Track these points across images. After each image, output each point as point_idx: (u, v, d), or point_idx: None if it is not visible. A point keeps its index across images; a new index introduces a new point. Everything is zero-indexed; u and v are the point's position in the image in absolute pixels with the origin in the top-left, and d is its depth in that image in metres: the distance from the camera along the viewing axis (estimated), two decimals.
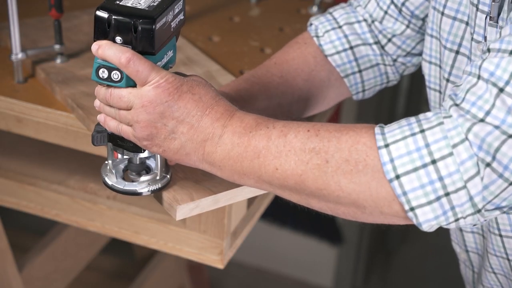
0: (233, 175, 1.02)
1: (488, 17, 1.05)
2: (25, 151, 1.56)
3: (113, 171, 1.10)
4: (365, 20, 1.27)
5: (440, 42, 1.19)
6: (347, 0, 1.36)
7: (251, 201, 1.40)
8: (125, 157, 1.10)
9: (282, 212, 2.64)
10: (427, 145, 0.93)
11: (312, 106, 1.25)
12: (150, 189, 1.10)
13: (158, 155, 1.08)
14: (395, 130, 0.95)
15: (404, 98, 2.68)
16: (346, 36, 1.26)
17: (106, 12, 0.99)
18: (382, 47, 1.27)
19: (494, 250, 1.18)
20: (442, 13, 1.16)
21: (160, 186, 1.10)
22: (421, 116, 0.96)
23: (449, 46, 1.16)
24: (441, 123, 0.93)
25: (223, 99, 1.04)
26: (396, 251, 2.85)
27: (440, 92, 1.23)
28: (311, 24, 1.30)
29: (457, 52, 1.16)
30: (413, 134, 0.93)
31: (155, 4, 1.00)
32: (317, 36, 1.27)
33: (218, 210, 1.30)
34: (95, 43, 1.00)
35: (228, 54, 1.54)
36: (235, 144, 1.00)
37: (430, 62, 1.22)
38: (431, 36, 1.21)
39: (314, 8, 1.75)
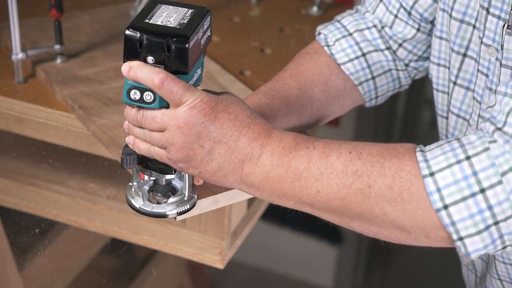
0: (272, 196, 1.00)
1: (506, 25, 1.03)
2: (25, 151, 1.56)
3: (140, 193, 1.06)
4: (375, 26, 1.26)
5: (449, 44, 1.18)
6: (348, 0, 1.35)
7: (251, 201, 1.40)
8: (151, 178, 1.06)
9: (282, 212, 2.64)
10: (475, 173, 0.91)
11: (330, 115, 1.24)
12: (179, 210, 1.06)
13: (186, 176, 1.05)
14: (439, 157, 0.92)
15: (404, 98, 2.68)
16: (357, 43, 1.25)
17: (137, 32, 0.94)
18: (394, 52, 1.26)
19: (502, 257, 1.17)
20: (450, 15, 1.16)
21: (188, 207, 1.07)
22: (464, 140, 0.93)
23: (456, 49, 1.16)
24: (487, 149, 0.91)
25: (258, 117, 1.01)
26: (396, 251, 2.85)
27: (448, 94, 1.22)
28: (319, 33, 1.28)
29: (464, 55, 1.15)
30: (458, 162, 0.91)
31: (185, 21, 0.96)
32: (328, 45, 1.25)
33: (218, 211, 1.30)
34: (125, 64, 0.96)
35: (228, 54, 1.54)
36: (275, 165, 0.98)
37: (439, 64, 1.22)
38: (440, 38, 1.20)
39: (314, 8, 1.75)
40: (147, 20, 0.96)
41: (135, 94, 0.96)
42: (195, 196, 1.08)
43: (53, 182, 1.49)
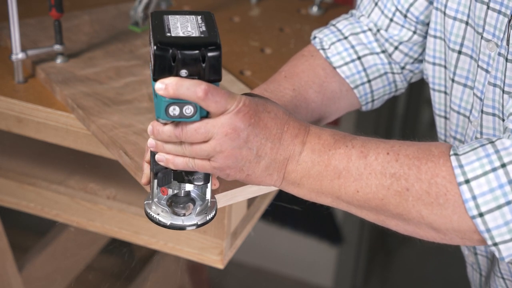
0: (311, 193, 1.01)
1: (510, 21, 1.04)
2: (25, 151, 1.56)
3: (166, 209, 1.04)
4: (370, 29, 1.26)
5: (444, 42, 1.18)
6: (348, 0, 1.35)
7: (251, 201, 1.40)
8: (175, 191, 1.04)
9: (282, 212, 2.64)
10: (510, 182, 0.92)
11: (325, 118, 1.24)
12: (207, 218, 1.04)
13: (209, 183, 1.03)
14: (473, 163, 0.94)
15: (404, 98, 2.68)
16: (353, 46, 1.25)
17: (167, 47, 0.91)
18: (390, 55, 1.26)
19: None
20: (444, 13, 1.16)
21: (215, 212, 1.05)
22: (498, 144, 0.94)
23: (451, 46, 1.16)
24: None
25: (292, 113, 1.02)
26: (396, 251, 2.85)
27: (445, 93, 1.22)
28: (314, 37, 1.28)
29: (459, 52, 1.15)
30: (494, 170, 0.93)
31: (204, 29, 0.95)
32: (323, 49, 1.25)
33: (218, 211, 1.30)
34: (159, 82, 0.92)
35: (228, 54, 1.54)
36: (315, 162, 0.99)
37: (434, 64, 1.22)
38: (435, 37, 1.20)
39: (314, 8, 1.75)
40: (168, 34, 0.93)
41: (174, 110, 0.94)
42: (215, 200, 1.07)
43: (53, 182, 1.49)
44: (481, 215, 0.93)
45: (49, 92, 1.39)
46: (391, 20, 1.24)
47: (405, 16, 1.23)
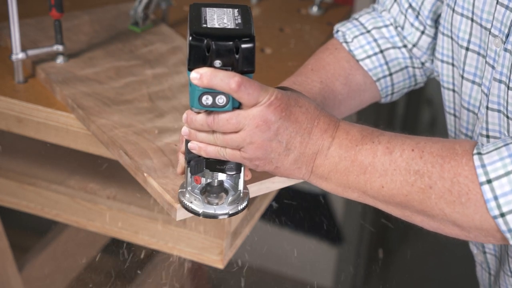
0: (337, 187, 1.02)
1: None
2: (25, 151, 1.56)
3: (199, 198, 1.05)
4: (391, 24, 1.28)
5: (452, 39, 1.19)
6: (348, 0, 1.36)
7: (251, 201, 1.40)
8: (208, 181, 1.05)
9: (282, 212, 2.64)
10: None
11: (350, 110, 1.26)
12: (239, 208, 1.05)
13: (242, 173, 1.04)
14: (496, 163, 0.94)
15: (404, 98, 2.68)
16: (375, 40, 1.27)
17: (202, 38, 0.93)
18: (410, 50, 1.28)
19: None
20: (453, 10, 1.17)
21: (247, 202, 1.06)
22: None
23: (460, 43, 1.17)
24: None
25: (323, 108, 1.03)
26: (396, 251, 2.85)
27: (453, 91, 1.23)
28: (337, 31, 1.30)
29: (467, 49, 1.16)
30: None
31: (239, 21, 0.97)
32: (346, 42, 1.27)
33: None
34: (194, 71, 0.94)
35: None
36: (342, 157, 1.00)
37: (442, 61, 1.23)
38: (443, 34, 1.21)
39: (314, 8, 1.75)
40: (204, 25, 0.95)
41: (207, 100, 0.95)
42: (248, 191, 1.08)
43: (53, 182, 1.49)
44: (502, 215, 0.93)
45: (49, 92, 1.39)
46: (405, 16, 1.26)
47: (418, 14, 1.24)
